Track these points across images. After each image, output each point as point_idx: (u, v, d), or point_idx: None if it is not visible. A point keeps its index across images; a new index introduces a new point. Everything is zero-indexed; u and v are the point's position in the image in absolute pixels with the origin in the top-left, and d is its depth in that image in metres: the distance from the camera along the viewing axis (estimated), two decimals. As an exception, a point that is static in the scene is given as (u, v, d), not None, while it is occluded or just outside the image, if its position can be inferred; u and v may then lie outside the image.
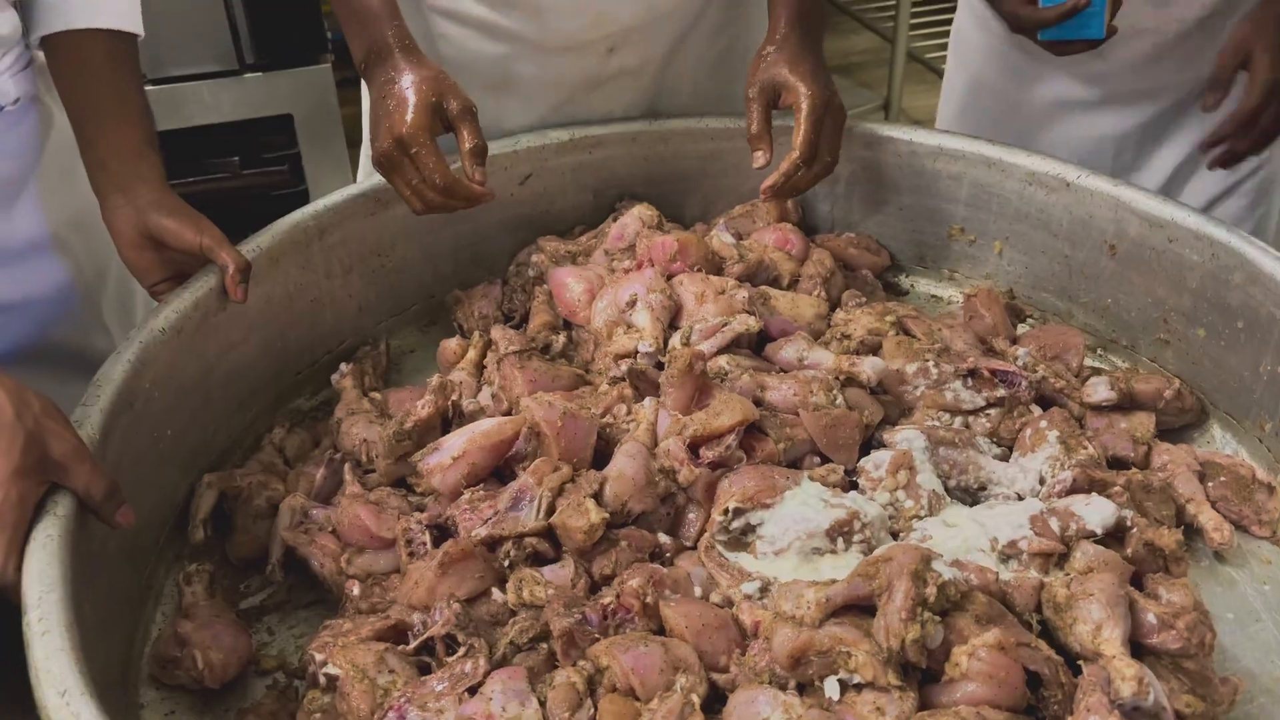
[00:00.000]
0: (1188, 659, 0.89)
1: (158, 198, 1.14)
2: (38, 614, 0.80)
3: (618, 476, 1.00)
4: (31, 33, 1.23)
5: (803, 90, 1.24)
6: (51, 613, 0.80)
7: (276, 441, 1.18)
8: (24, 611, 0.81)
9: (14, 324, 1.27)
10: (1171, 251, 1.21)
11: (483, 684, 0.84)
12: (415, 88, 1.17)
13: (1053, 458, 1.06)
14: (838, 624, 0.85)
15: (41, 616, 0.80)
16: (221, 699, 0.96)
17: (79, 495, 0.89)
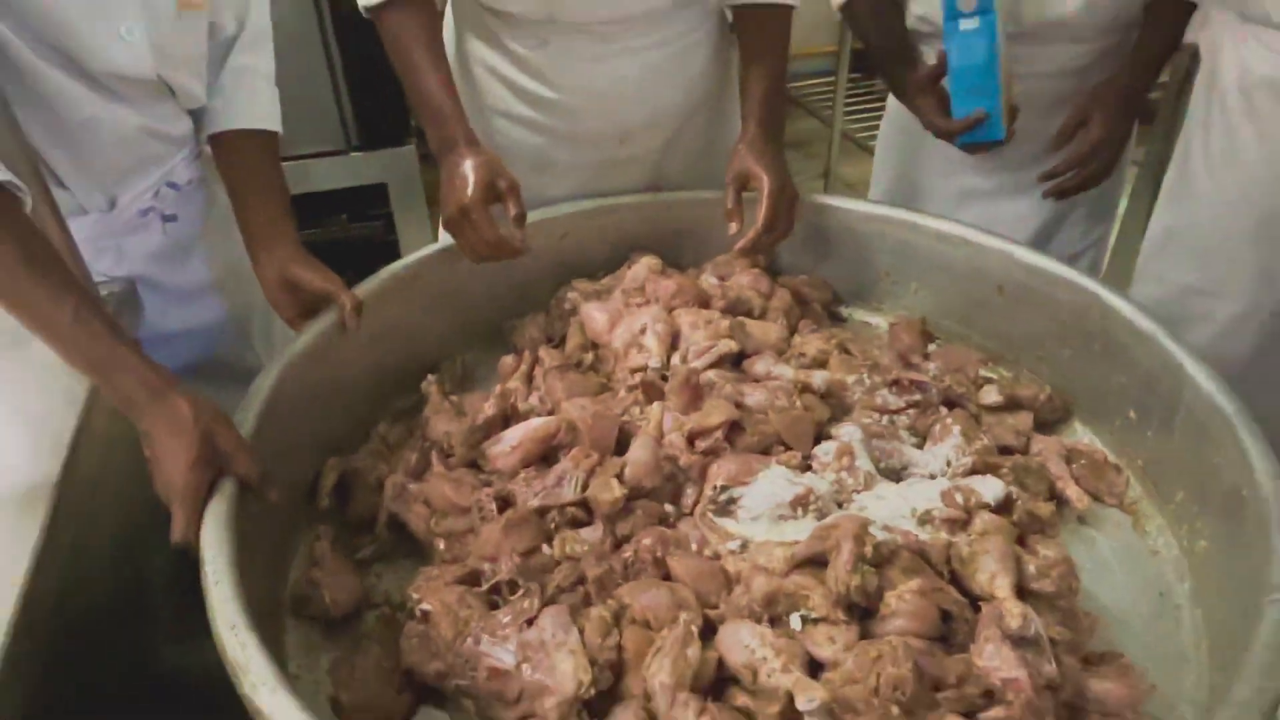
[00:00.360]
0: (1059, 599, 0.89)
1: (293, 253, 1.15)
2: (212, 568, 0.81)
3: (634, 461, 1.00)
4: (201, 132, 1.24)
5: (765, 179, 1.26)
6: (221, 567, 0.81)
7: (382, 433, 1.18)
8: (201, 565, 0.82)
9: (188, 346, 1.28)
10: (1045, 292, 1.21)
11: (537, 617, 0.85)
12: (474, 170, 1.18)
13: (956, 446, 1.06)
14: (800, 574, 0.85)
15: (214, 570, 0.81)
16: (343, 627, 0.96)
17: (240, 479, 0.90)
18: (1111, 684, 0.82)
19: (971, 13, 1.31)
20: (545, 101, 1.37)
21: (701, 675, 0.81)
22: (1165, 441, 1.06)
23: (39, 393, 0.97)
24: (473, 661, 0.83)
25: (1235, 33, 1.28)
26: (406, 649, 0.89)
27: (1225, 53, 1.30)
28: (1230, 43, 1.29)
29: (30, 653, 0.75)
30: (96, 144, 1.13)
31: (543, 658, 0.81)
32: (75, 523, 0.88)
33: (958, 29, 1.34)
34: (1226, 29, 1.30)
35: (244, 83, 1.24)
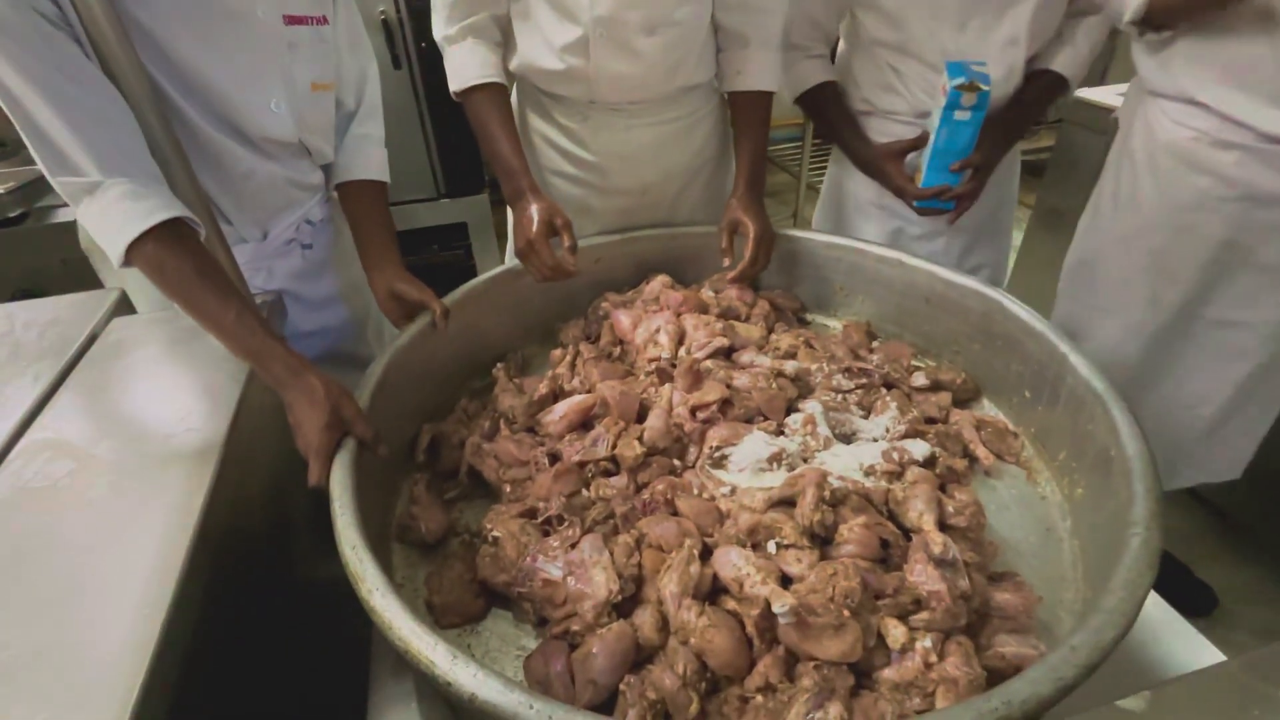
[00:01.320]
0: (970, 532, 0.88)
1: (398, 273, 1.15)
2: (339, 503, 0.81)
3: (651, 428, 1.00)
4: (329, 182, 1.25)
5: (752, 226, 1.26)
6: (346, 502, 0.81)
7: (464, 406, 1.18)
8: (330, 501, 0.83)
9: (321, 341, 1.29)
10: (961, 302, 1.19)
11: (578, 542, 0.86)
12: (539, 212, 1.18)
13: (893, 417, 1.05)
14: (775, 511, 0.85)
15: (341, 504, 0.81)
16: (436, 549, 0.97)
17: (359, 439, 0.91)
18: (1010, 596, 0.81)
19: (968, 107, 1.24)
20: (585, 162, 1.36)
21: (701, 586, 0.81)
22: (1051, 414, 1.04)
23: (212, 373, 0.98)
24: (530, 574, 0.84)
25: (1145, 105, 1.25)
26: (481, 565, 0.90)
27: (1136, 120, 1.27)
28: (1140, 113, 1.26)
29: (205, 565, 0.76)
30: (253, 190, 1.14)
31: (583, 572, 0.82)
32: (238, 470, 0.89)
33: (952, 117, 1.25)
34: (1139, 102, 1.27)
35: (361, 146, 1.24)
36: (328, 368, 1.02)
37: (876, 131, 1.42)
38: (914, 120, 1.38)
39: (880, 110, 1.40)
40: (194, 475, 0.83)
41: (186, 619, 0.70)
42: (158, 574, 0.71)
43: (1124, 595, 0.69)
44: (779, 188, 4.15)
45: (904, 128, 1.39)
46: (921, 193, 1.34)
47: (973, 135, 1.28)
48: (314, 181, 1.24)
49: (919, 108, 1.36)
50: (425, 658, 0.66)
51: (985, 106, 1.25)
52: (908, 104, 1.36)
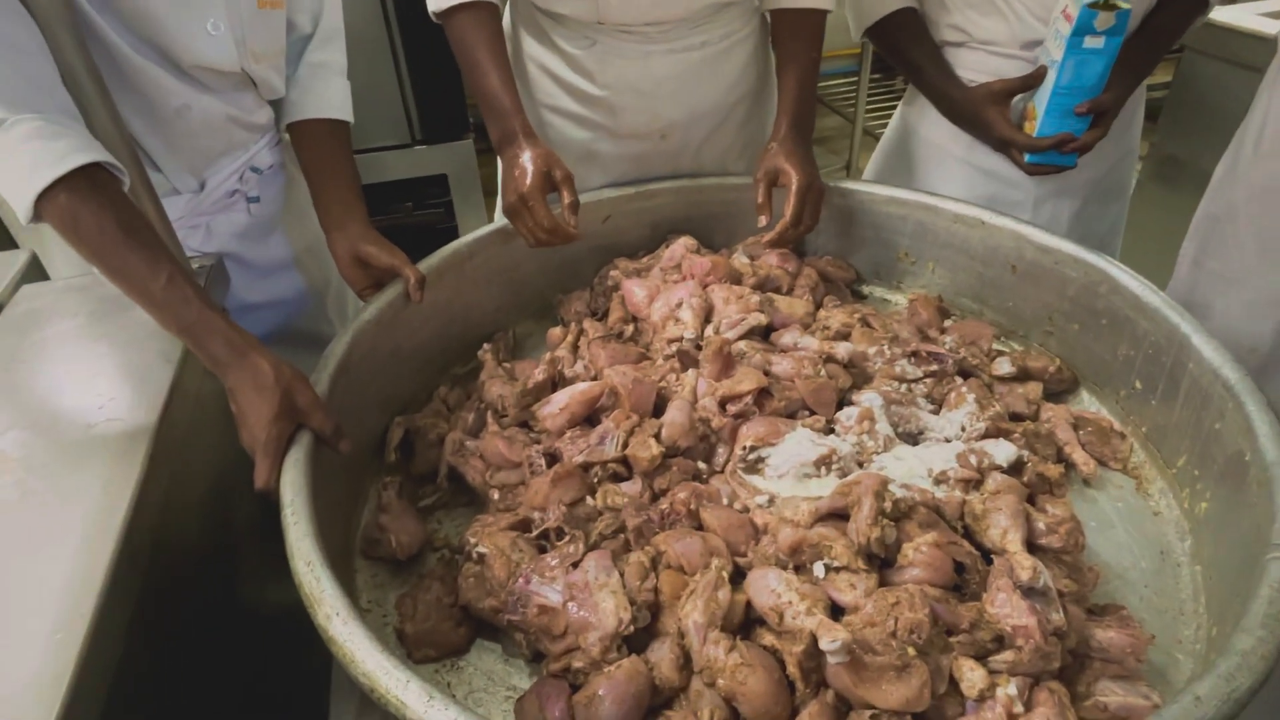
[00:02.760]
0: (1066, 554, 0.87)
1: (364, 232, 1.15)
2: (291, 510, 0.81)
3: (670, 423, 1.00)
4: (280, 121, 1.24)
5: (794, 176, 1.22)
6: (299, 509, 0.81)
7: (443, 395, 1.18)
8: (281, 509, 0.83)
9: (270, 316, 1.29)
10: (1056, 270, 1.17)
11: (582, 561, 0.85)
12: (533, 161, 1.16)
13: (971, 413, 1.04)
14: (823, 526, 0.84)
15: (293, 512, 0.81)
16: (407, 567, 0.97)
17: (315, 432, 0.91)
18: (1114, 633, 0.80)
19: (1102, 32, 1.16)
20: (591, 98, 1.34)
21: (731, 616, 0.80)
22: (1168, 409, 1.02)
23: (139, 352, 0.98)
24: (524, 599, 0.83)
25: None
26: (464, 587, 0.89)
27: None
28: None
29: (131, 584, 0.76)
30: (187, 130, 1.14)
31: (587, 597, 0.81)
32: (170, 468, 0.89)
33: (1080, 45, 1.16)
34: None
35: (318, 76, 1.24)
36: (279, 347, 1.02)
37: (969, 68, 1.36)
38: (1018, 53, 1.31)
39: (976, 40, 1.34)
40: (117, 475, 0.83)
41: (108, 651, 0.70)
42: (73, 595, 0.71)
43: (1263, 635, 0.67)
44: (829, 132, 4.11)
45: (1005, 63, 1.33)
46: (1037, 143, 1.27)
47: (1105, 68, 1.20)
48: (261, 120, 1.24)
49: (1028, 36, 1.29)
50: (395, 698, 0.66)
51: (1123, 31, 1.17)
52: (1012, 31, 1.30)
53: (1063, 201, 1.45)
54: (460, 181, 2.51)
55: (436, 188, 2.51)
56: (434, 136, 2.41)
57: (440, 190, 2.52)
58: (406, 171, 2.44)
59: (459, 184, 2.51)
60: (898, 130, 1.57)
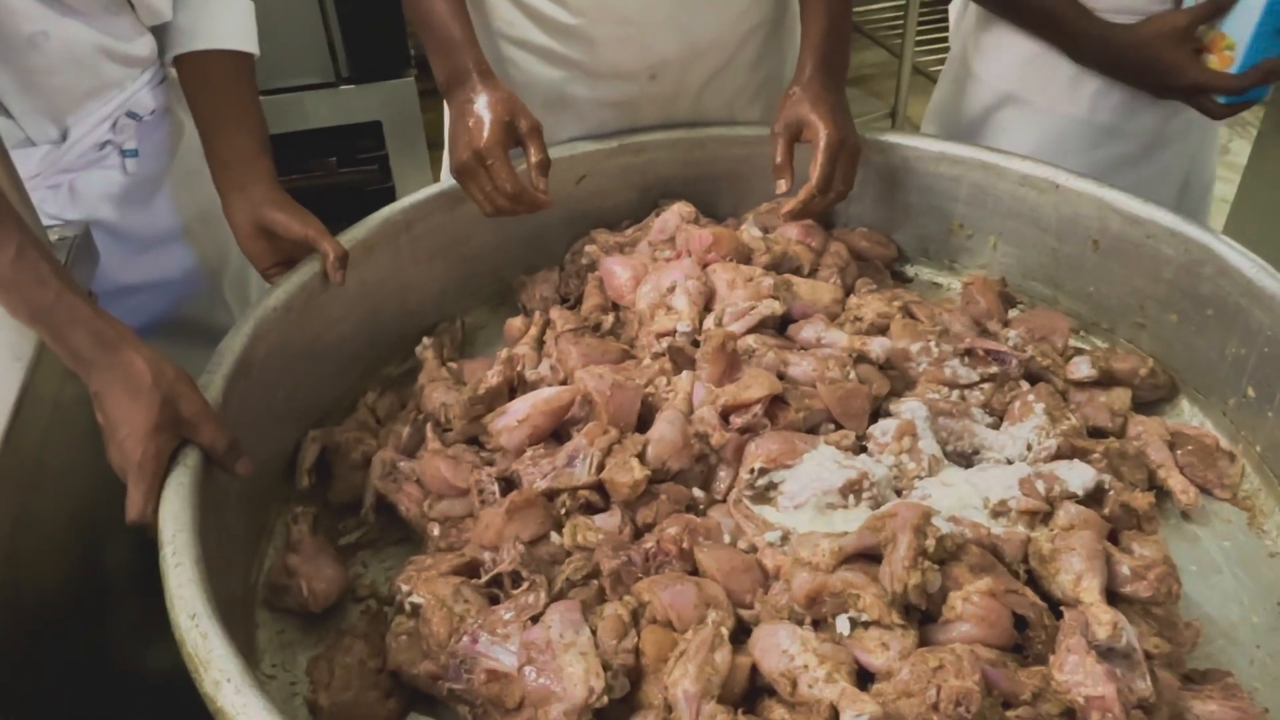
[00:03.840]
0: (1156, 606, 0.87)
1: (270, 195, 1.15)
2: (171, 549, 0.81)
3: (658, 439, 1.00)
4: (165, 53, 1.24)
5: (821, 129, 1.22)
6: (183, 547, 0.81)
7: (370, 403, 1.18)
8: (160, 546, 0.82)
9: (151, 301, 1.29)
10: (1149, 246, 1.18)
11: (543, 614, 0.85)
12: (491, 107, 1.16)
13: (1039, 427, 1.04)
14: (848, 570, 0.84)
15: (175, 551, 0.81)
16: (323, 621, 0.97)
17: (205, 449, 0.91)
18: (1216, 706, 0.80)
19: None
20: (563, 28, 1.34)
21: (732, 684, 0.80)
22: (1290, 424, 1.03)
23: (-21, 349, 0.98)
24: (469, 663, 0.83)
25: None
26: (394, 647, 0.89)
27: None
28: None
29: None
30: (45, 64, 1.13)
31: (549, 660, 0.81)
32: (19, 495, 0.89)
33: None
34: None
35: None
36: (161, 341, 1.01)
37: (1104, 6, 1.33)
38: None
39: None
40: (-50, 504, 0.83)
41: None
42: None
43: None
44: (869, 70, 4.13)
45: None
46: (1242, 81, 1.26)
47: None
48: (139, 53, 1.23)
49: None
50: (302, 788, 0.66)
51: None
52: None
53: (1171, 152, 1.44)
54: (399, 131, 2.51)
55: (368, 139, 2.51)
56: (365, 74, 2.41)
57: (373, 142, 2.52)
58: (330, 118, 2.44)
59: (397, 134, 2.51)
60: (953, 75, 1.58)
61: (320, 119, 2.43)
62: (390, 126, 2.50)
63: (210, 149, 1.19)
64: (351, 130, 2.47)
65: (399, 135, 2.52)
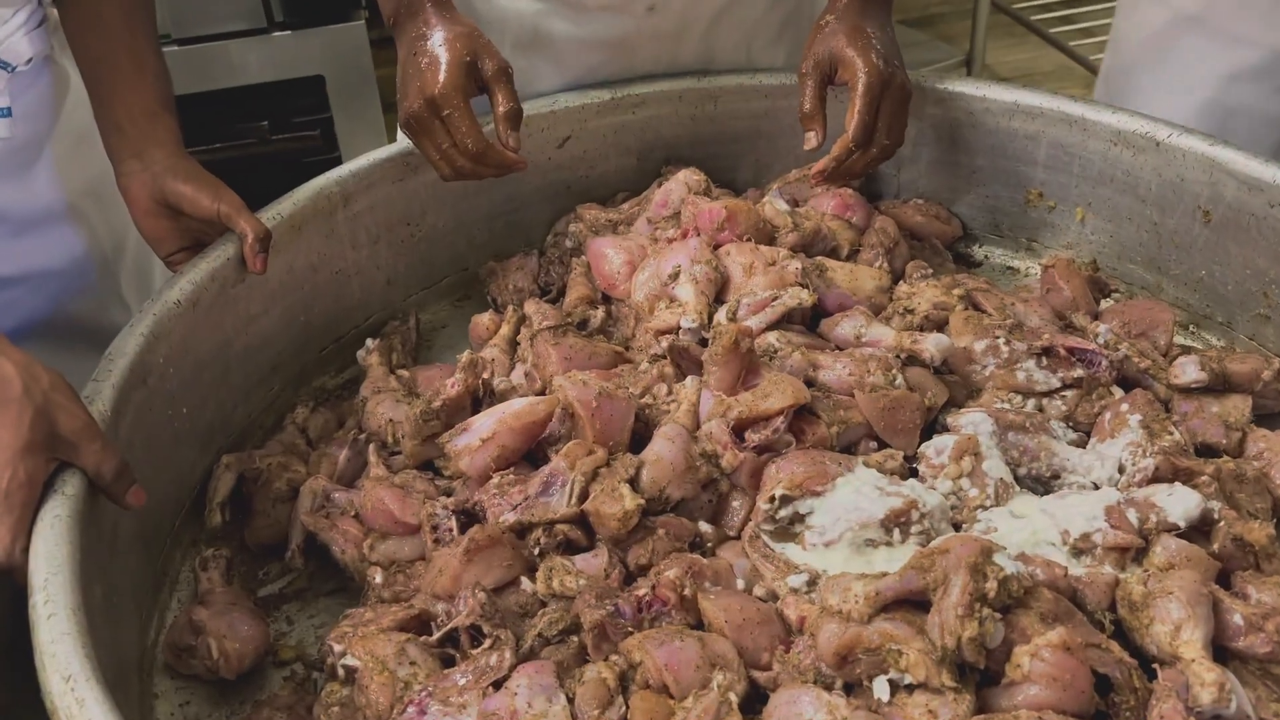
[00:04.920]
0: (1277, 665, 0.87)
1: (173, 162, 1.16)
2: (44, 596, 0.82)
3: (656, 460, 1.00)
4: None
5: (860, 66, 1.23)
6: (58, 595, 0.82)
7: (299, 421, 1.20)
8: (30, 593, 0.83)
9: (29, 296, 1.30)
10: (1273, 218, 1.18)
11: (508, 678, 0.85)
12: (448, 45, 1.18)
13: (1134, 444, 1.04)
14: (888, 620, 0.84)
15: (48, 599, 0.82)
16: (238, 690, 0.98)
17: (88, 474, 0.92)
18: (1353, 789, 0.80)
19: None
20: (539, -52, 1.37)
21: (743, 764, 0.81)
22: None
23: None
24: (415, 739, 0.84)
25: None
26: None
27: None
28: None
29: None
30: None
31: (514, 735, 0.82)
32: None
33: None
34: None
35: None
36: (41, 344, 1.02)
37: None
38: None
39: None
40: None
41: None
42: None
43: None
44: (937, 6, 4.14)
45: None
46: None
47: None
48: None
49: None
50: None
51: None
52: None
53: None
54: (345, 87, 2.53)
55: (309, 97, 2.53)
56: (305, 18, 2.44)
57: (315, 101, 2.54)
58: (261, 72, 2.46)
59: (343, 91, 2.53)
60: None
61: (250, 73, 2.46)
62: (334, 82, 2.52)
63: (100, 106, 1.21)
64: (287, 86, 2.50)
65: (345, 93, 2.54)
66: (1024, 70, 3.95)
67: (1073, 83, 3.76)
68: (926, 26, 4.04)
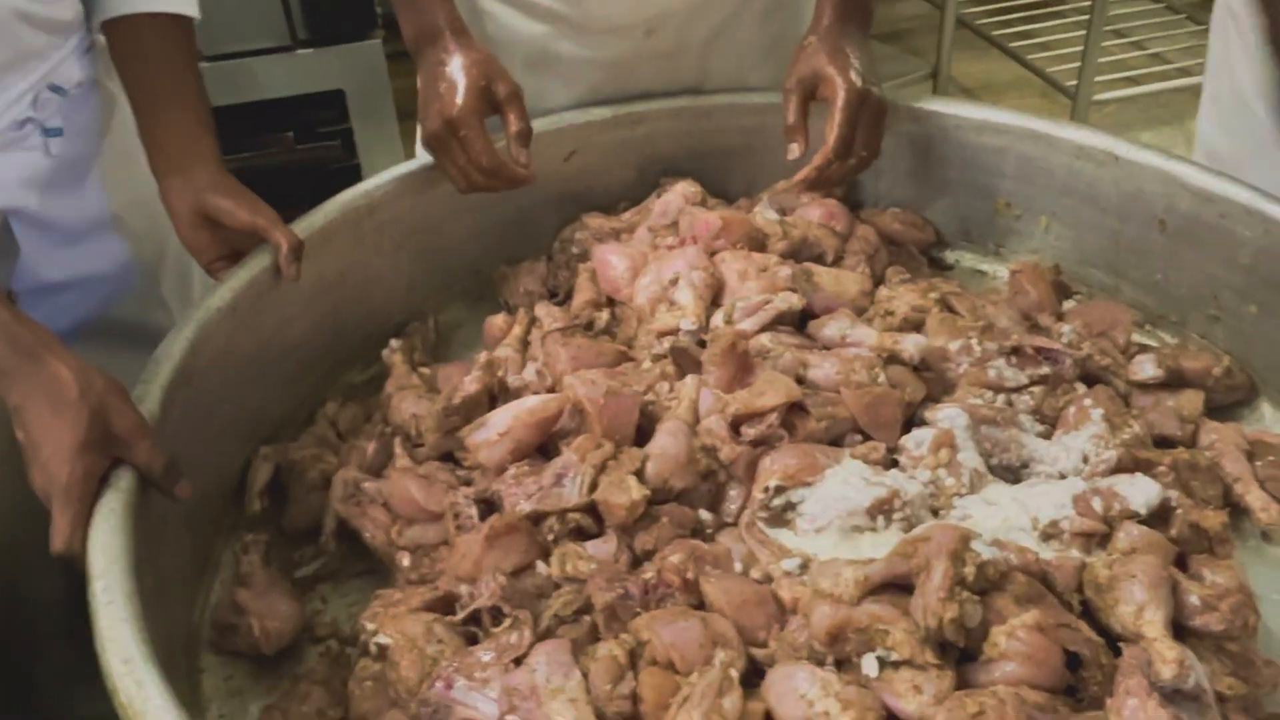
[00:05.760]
0: (1231, 641, 0.87)
1: (213, 178, 1.16)
2: (102, 584, 0.82)
3: (659, 454, 1.00)
4: (93, 17, 1.25)
5: (839, 83, 1.23)
6: (115, 583, 0.82)
7: (330, 415, 1.20)
8: (89, 581, 0.83)
9: (78, 301, 1.30)
10: (1223, 227, 1.18)
11: (527, 655, 0.86)
12: (465, 71, 1.19)
13: (1097, 436, 1.04)
14: (876, 602, 0.85)
15: (106, 586, 0.82)
16: (277, 665, 0.98)
17: (140, 470, 0.92)
18: (1301, 756, 0.81)
19: None
20: (548, -22, 1.36)
21: (743, 734, 0.81)
22: (1387, 431, 1.03)
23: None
24: (443, 711, 0.84)
25: None
26: (358, 695, 0.90)
27: None
28: None
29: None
30: (-48, 32, 1.15)
31: (533, 707, 0.81)
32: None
33: None
34: None
35: (148, -50, 1.24)
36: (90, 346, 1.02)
37: None
38: None
39: None
40: None
41: None
42: None
43: None
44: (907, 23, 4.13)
45: None
46: None
47: None
48: (64, 16, 1.24)
49: None
50: None
51: None
52: None
53: None
54: (364, 101, 2.53)
55: (330, 110, 2.52)
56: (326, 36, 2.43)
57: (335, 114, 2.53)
58: (286, 87, 2.46)
59: (362, 104, 2.53)
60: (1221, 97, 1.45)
61: (274, 88, 2.45)
62: (354, 96, 2.51)
63: (144, 127, 1.21)
64: (310, 100, 2.49)
65: (364, 106, 2.54)
66: (985, 82, 3.94)
67: (1030, 92, 3.77)
68: (895, 41, 4.03)
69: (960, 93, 3.87)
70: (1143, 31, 3.84)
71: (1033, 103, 3.72)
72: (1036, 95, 3.74)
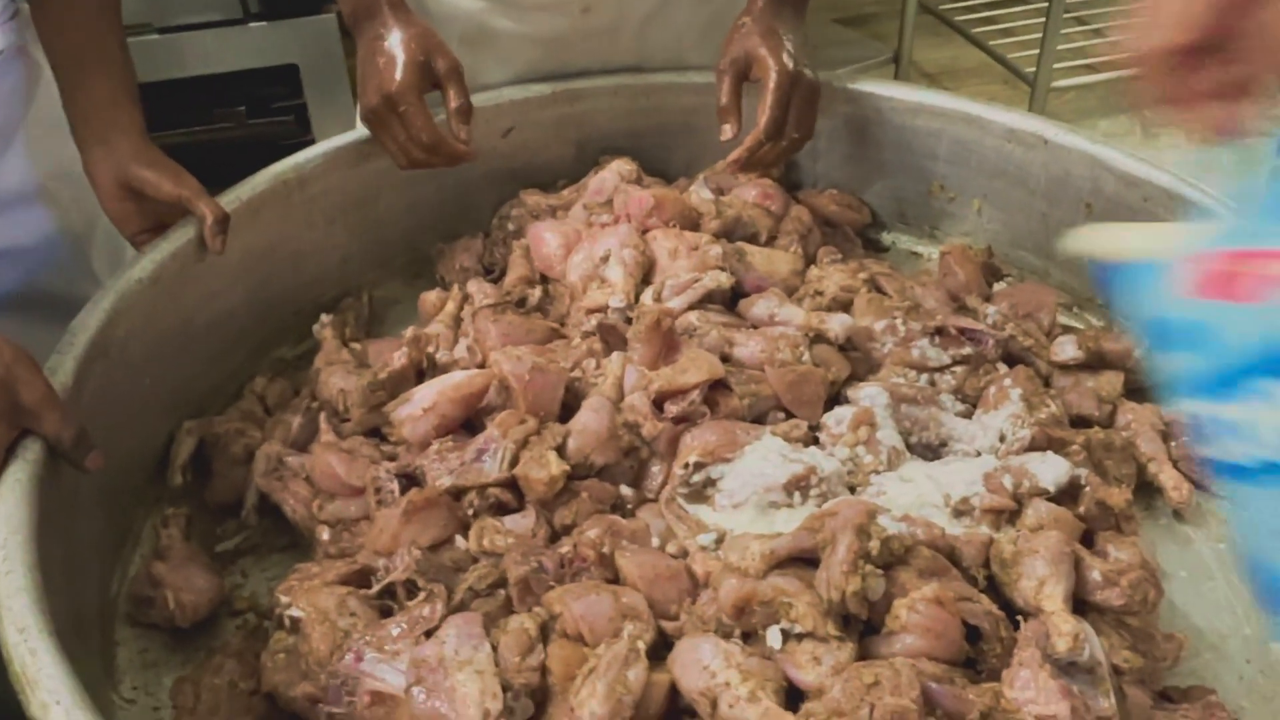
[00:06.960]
0: (1131, 616, 0.89)
1: (137, 149, 1.14)
2: (2, 554, 0.81)
3: (581, 430, 1.01)
4: (15, -18, 1.23)
5: (771, 64, 1.23)
6: (16, 553, 0.81)
7: (258, 390, 1.19)
8: (-11, 551, 0.83)
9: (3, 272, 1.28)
10: (1146, 210, 1.19)
11: (439, 628, 0.85)
12: (404, 45, 1.18)
13: (1014, 415, 1.05)
14: (781, 575, 0.85)
15: (6, 556, 0.81)
16: (193, 638, 0.98)
17: (49, 441, 0.91)
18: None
19: None
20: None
21: (647, 705, 0.81)
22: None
23: None
24: (351, 684, 0.84)
25: None
26: (270, 667, 0.90)
27: None
28: None
29: None
30: None
31: (441, 679, 0.81)
32: None
33: None
34: None
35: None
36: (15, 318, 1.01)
37: None
38: None
39: None
40: None
41: None
42: None
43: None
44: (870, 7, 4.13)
45: None
46: None
47: None
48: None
49: None
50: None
51: None
52: None
53: None
54: (318, 75, 2.51)
55: (283, 85, 2.50)
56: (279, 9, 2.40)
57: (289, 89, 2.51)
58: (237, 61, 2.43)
59: (316, 79, 2.51)
60: None
61: (227, 62, 2.42)
62: (308, 70, 2.50)
63: (67, 96, 1.19)
64: (263, 75, 2.47)
65: (318, 80, 2.52)
66: (948, 68, 3.95)
67: (992, 78, 3.78)
68: (859, 25, 4.03)
69: (922, 78, 3.88)
70: (1104, 19, 3.86)
71: (994, 89, 3.73)
72: (999, 82, 3.75)
